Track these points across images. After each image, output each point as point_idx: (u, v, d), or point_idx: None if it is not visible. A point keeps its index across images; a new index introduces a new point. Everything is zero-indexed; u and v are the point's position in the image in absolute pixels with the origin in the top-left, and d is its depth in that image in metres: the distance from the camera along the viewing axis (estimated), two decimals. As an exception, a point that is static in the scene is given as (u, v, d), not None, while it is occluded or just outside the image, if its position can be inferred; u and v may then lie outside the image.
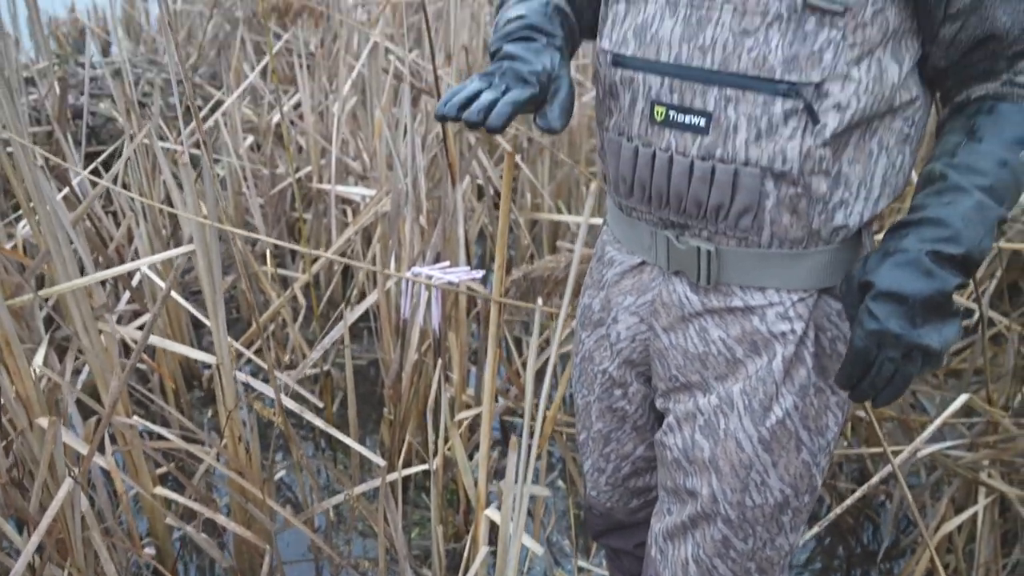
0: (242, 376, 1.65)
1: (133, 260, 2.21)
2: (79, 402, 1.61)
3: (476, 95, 0.83)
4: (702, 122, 0.88)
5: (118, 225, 2.40)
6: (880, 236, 0.92)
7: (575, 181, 2.91)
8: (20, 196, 1.54)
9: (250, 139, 2.91)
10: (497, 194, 2.44)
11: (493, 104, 0.82)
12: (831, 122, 0.84)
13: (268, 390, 1.65)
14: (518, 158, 2.87)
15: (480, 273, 1.58)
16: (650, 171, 0.93)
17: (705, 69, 0.87)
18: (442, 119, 0.85)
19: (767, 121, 0.85)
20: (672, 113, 0.90)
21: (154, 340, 1.66)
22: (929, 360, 0.83)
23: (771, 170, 0.86)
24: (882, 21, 0.82)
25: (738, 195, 0.88)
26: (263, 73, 3.11)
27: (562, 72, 0.90)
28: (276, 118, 2.88)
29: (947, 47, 0.86)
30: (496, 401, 2.03)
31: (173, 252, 1.42)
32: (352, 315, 2.00)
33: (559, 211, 2.92)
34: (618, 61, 0.94)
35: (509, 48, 0.90)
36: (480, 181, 2.68)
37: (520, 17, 0.95)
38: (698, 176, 0.89)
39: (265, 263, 2.45)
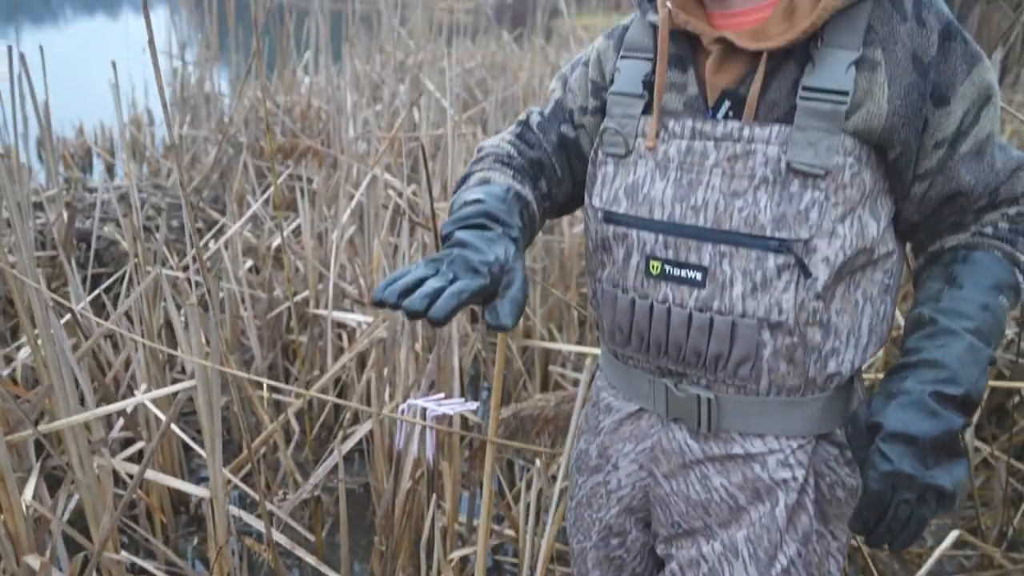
0: (234, 510, 1.64)
1: (130, 386, 2.23)
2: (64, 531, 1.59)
3: (420, 282, 0.76)
4: (698, 276, 0.93)
5: (115, 347, 2.43)
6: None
7: (566, 305, 2.98)
8: (26, 328, 1.58)
9: (249, 262, 2.98)
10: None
11: (438, 293, 0.74)
12: (821, 275, 0.89)
13: (259, 524, 1.64)
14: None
15: (474, 405, 1.61)
16: (648, 322, 0.97)
17: (699, 227, 0.92)
18: (379, 305, 0.76)
19: (761, 275, 0.90)
20: (668, 267, 0.94)
21: (148, 474, 1.66)
22: (943, 502, 0.85)
23: (768, 321, 0.91)
24: (860, 182, 0.89)
25: (736, 345, 0.92)
26: (265, 200, 3.22)
27: (516, 265, 0.83)
28: (275, 242, 2.96)
29: (918, 204, 0.94)
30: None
31: (174, 388, 1.45)
32: (346, 446, 2.01)
33: (550, 333, 2.98)
34: (610, 218, 0.99)
35: (461, 235, 0.85)
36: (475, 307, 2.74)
37: (477, 202, 0.92)
38: (696, 327, 0.93)
39: (260, 387, 2.46)
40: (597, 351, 1.89)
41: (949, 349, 0.87)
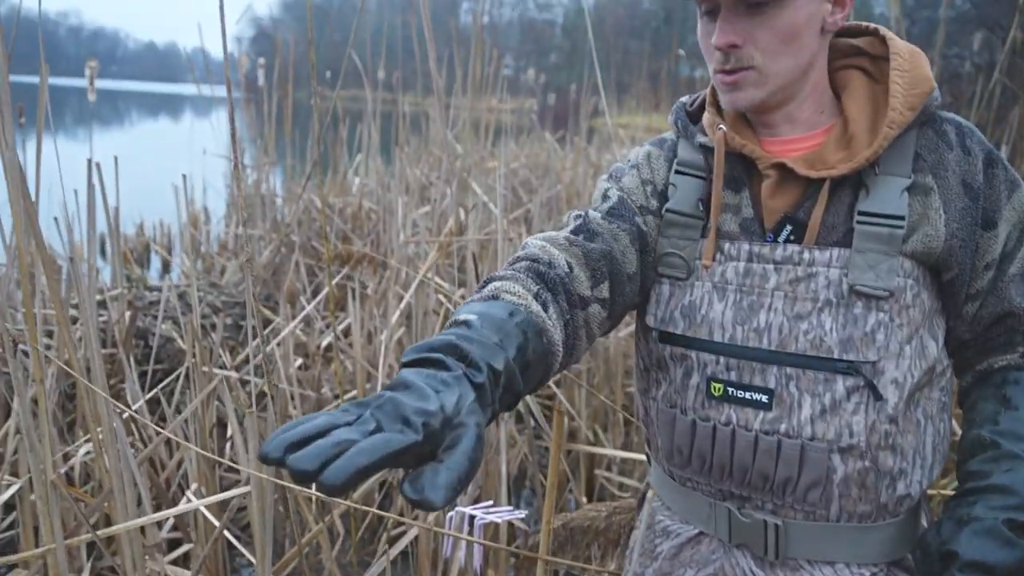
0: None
1: (181, 486, 2.26)
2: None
3: (323, 433, 0.55)
4: (764, 398, 0.92)
5: (168, 445, 2.47)
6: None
7: (611, 406, 2.96)
8: (91, 429, 1.63)
9: (299, 360, 3.04)
10: (537, 424, 2.49)
11: (343, 450, 0.54)
12: (891, 397, 0.89)
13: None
14: (553, 385, 2.95)
15: (523, 514, 1.59)
16: (711, 444, 0.95)
17: (763, 349, 0.92)
18: (264, 460, 0.55)
19: (830, 397, 0.90)
20: (731, 389, 0.93)
21: (198, 578, 1.66)
22: None
23: (838, 445, 0.90)
24: (920, 303, 0.91)
25: (806, 469, 0.91)
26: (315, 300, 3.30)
27: (468, 420, 0.61)
28: (325, 341, 3.03)
29: (970, 323, 0.96)
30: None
31: (229, 495, 1.47)
32: (393, 551, 1.99)
33: (595, 435, 2.95)
34: (666, 338, 0.98)
35: (405, 373, 0.64)
36: (520, 408, 2.75)
37: (462, 324, 0.76)
38: (763, 450, 0.92)
39: (307, 487, 2.47)
40: (644, 457, 1.87)
41: (1017, 474, 0.86)
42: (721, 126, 0.97)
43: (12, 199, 1.29)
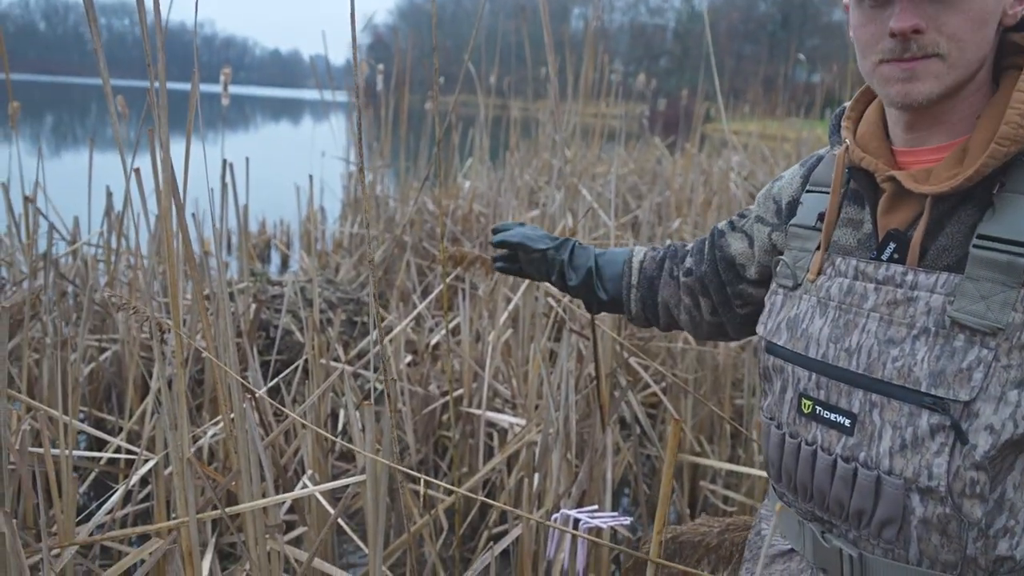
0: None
1: (297, 472, 2.37)
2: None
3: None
4: (847, 422, 0.88)
5: (285, 433, 2.60)
6: None
7: (718, 417, 2.90)
8: (223, 412, 1.74)
9: (408, 357, 3.13)
10: (643, 431, 2.47)
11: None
12: (982, 444, 0.80)
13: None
14: (660, 393, 2.91)
15: (628, 520, 1.59)
16: (795, 463, 0.93)
17: (851, 371, 0.88)
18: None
19: (912, 432, 0.83)
20: (819, 408, 0.91)
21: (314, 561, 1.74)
22: None
23: (916, 484, 0.83)
24: None
25: (880, 504, 0.85)
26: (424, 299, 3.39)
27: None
28: (434, 339, 3.11)
29: None
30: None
31: (346, 482, 1.54)
32: (498, 547, 2.02)
33: (700, 446, 2.90)
34: (771, 349, 0.99)
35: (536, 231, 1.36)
36: (625, 415, 2.74)
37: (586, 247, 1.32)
38: (840, 476, 0.88)
39: (414, 481, 2.55)
40: (751, 471, 1.83)
41: None
42: (846, 140, 0.94)
43: (163, 200, 1.40)
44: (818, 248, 0.97)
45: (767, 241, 1.09)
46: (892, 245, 0.89)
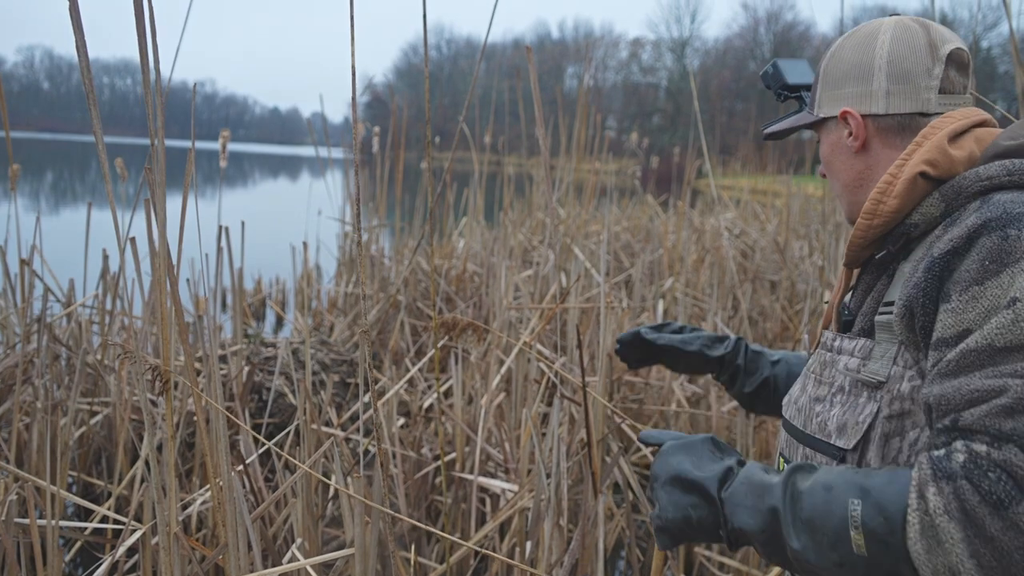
0: None
1: (287, 539, 2.34)
2: None
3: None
4: None
5: (277, 502, 2.57)
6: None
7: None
8: (211, 483, 1.72)
9: (401, 420, 3.12)
10: (635, 496, 2.45)
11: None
12: None
13: None
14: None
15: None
16: None
17: (796, 427, 0.98)
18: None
19: None
20: (784, 465, 1.00)
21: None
22: None
23: None
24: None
25: None
26: (418, 361, 3.39)
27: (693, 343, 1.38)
28: (427, 402, 3.09)
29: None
30: None
31: (334, 555, 1.52)
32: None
33: (695, 510, 2.87)
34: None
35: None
36: (618, 479, 2.72)
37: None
38: None
39: (405, 548, 2.51)
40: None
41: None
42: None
43: (156, 267, 1.41)
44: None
45: None
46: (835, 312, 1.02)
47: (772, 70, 1.18)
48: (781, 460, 1.02)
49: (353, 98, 1.53)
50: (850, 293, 1.02)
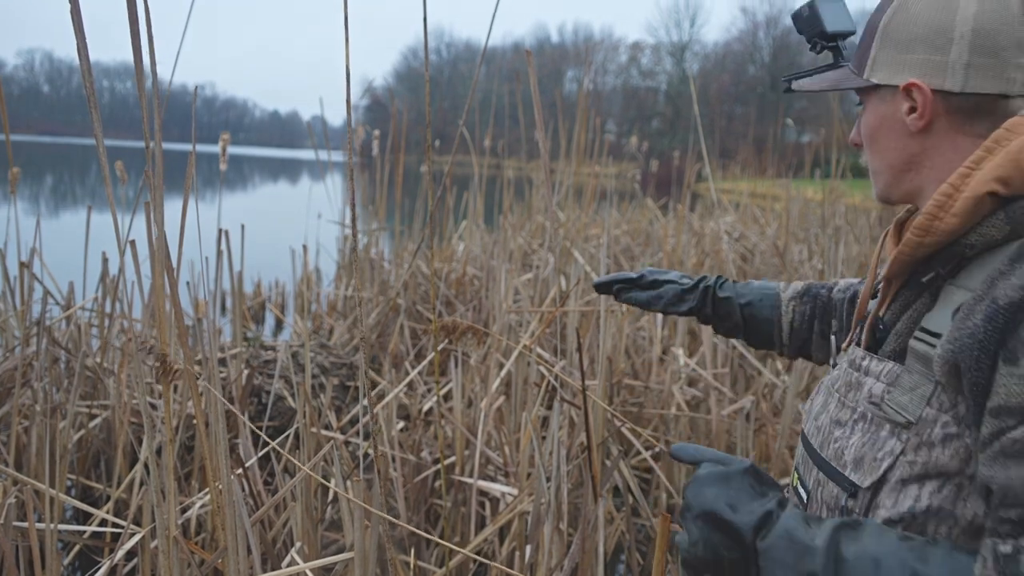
0: None
1: (286, 543, 2.33)
2: None
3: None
4: (805, 498, 0.90)
5: (276, 505, 2.57)
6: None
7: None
8: (211, 487, 1.72)
9: (400, 423, 3.11)
10: (635, 500, 2.45)
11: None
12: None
13: None
14: (651, 460, 2.89)
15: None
16: None
17: (813, 447, 0.90)
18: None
19: (837, 515, 0.83)
20: (798, 482, 0.93)
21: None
22: None
23: None
24: (958, 447, 0.74)
25: None
26: (418, 364, 3.39)
27: (664, 286, 1.31)
28: (427, 405, 3.09)
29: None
30: None
31: (334, 559, 1.51)
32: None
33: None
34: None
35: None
36: (618, 483, 2.71)
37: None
38: None
39: (404, 551, 2.51)
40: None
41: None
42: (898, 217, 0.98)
43: (155, 271, 1.41)
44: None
45: (840, 306, 1.16)
46: (859, 327, 0.92)
47: (808, 12, 1.01)
48: (796, 475, 0.94)
49: (347, 97, 1.53)
50: (885, 306, 0.90)
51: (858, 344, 0.92)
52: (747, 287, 1.28)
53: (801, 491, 0.91)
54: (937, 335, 0.77)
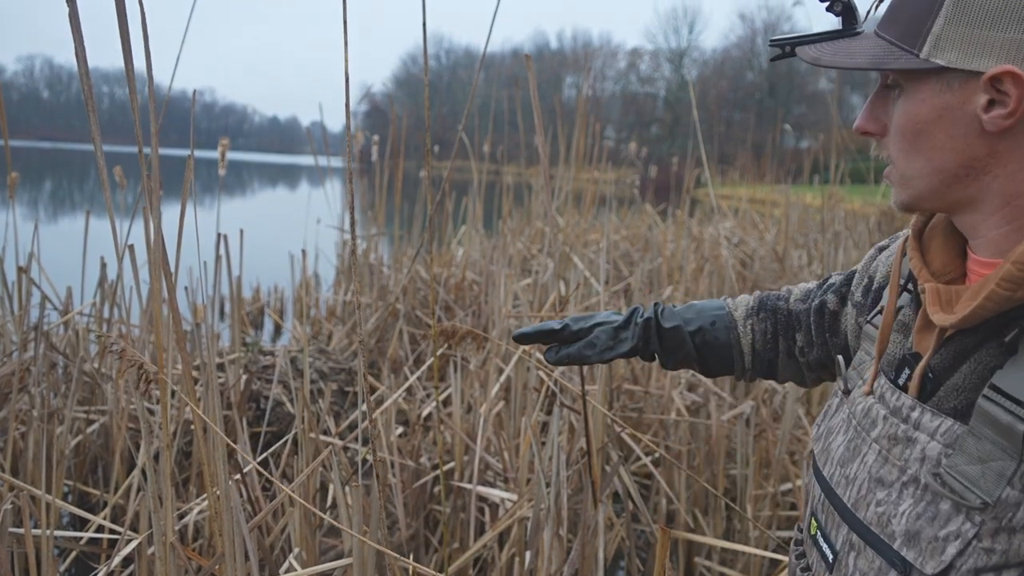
0: None
1: (283, 550, 2.32)
2: None
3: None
4: (831, 557, 0.77)
5: (274, 511, 2.56)
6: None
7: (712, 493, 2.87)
8: (208, 493, 1.71)
9: (400, 429, 3.10)
10: (635, 506, 2.44)
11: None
12: None
13: None
14: (651, 465, 2.88)
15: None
16: None
17: (843, 502, 0.76)
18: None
19: None
20: (819, 533, 0.80)
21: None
22: None
23: None
24: None
25: None
26: (417, 369, 3.38)
27: (596, 331, 1.08)
28: (426, 410, 3.08)
29: None
30: None
31: (331, 565, 1.50)
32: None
33: (694, 520, 2.86)
34: (813, 454, 0.87)
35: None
36: (617, 489, 2.70)
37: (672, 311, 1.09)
38: None
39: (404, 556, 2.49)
40: (746, 548, 1.81)
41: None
42: (907, 230, 0.80)
43: (153, 276, 1.41)
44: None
45: (856, 327, 0.95)
46: (907, 371, 0.75)
47: None
48: (814, 523, 0.82)
49: (347, 101, 1.52)
50: (933, 350, 0.73)
51: (901, 388, 0.75)
52: (690, 310, 1.10)
53: (824, 547, 0.79)
54: (1018, 402, 0.62)
